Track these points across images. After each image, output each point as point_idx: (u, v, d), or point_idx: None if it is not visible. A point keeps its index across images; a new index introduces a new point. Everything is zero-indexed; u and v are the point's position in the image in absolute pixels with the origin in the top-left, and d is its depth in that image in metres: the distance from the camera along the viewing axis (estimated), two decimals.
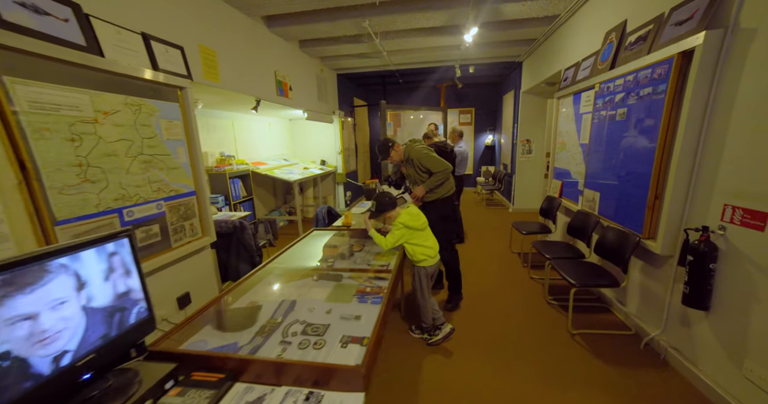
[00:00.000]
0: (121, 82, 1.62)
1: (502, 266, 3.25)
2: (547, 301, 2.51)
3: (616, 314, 2.29)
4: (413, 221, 1.78)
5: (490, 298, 2.60)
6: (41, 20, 1.38)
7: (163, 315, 1.95)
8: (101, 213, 1.55)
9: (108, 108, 1.57)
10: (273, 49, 3.23)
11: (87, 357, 0.72)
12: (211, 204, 3.60)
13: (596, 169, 2.43)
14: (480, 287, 2.78)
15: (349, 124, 6.17)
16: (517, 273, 3.06)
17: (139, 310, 0.87)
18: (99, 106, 1.53)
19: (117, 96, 1.61)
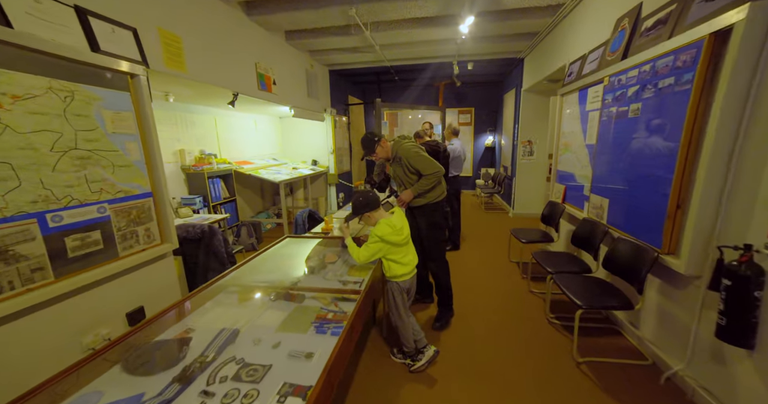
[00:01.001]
0: (41, 62, 1.36)
1: (499, 277, 2.98)
2: (548, 320, 2.24)
3: (628, 338, 2.01)
4: (393, 235, 1.53)
5: (483, 314, 2.33)
6: None
7: (106, 335, 1.69)
8: (9, 219, 1.28)
9: (20, 91, 1.30)
10: (254, 40, 2.98)
11: None
12: (186, 206, 3.35)
13: (604, 172, 2.17)
14: (474, 301, 2.52)
15: (343, 123, 5.92)
16: (516, 286, 2.79)
17: None
18: (5, 87, 1.26)
19: (36, 78, 1.34)
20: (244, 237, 4.17)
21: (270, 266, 1.71)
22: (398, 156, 2.02)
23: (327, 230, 2.39)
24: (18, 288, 1.31)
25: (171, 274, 2.08)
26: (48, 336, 1.42)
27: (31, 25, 1.38)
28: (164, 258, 2.00)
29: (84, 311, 1.56)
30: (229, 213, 4.10)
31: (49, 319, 1.42)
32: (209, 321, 1.13)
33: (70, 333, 1.51)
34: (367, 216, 1.58)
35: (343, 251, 1.90)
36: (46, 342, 1.41)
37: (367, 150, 2.04)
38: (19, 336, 1.32)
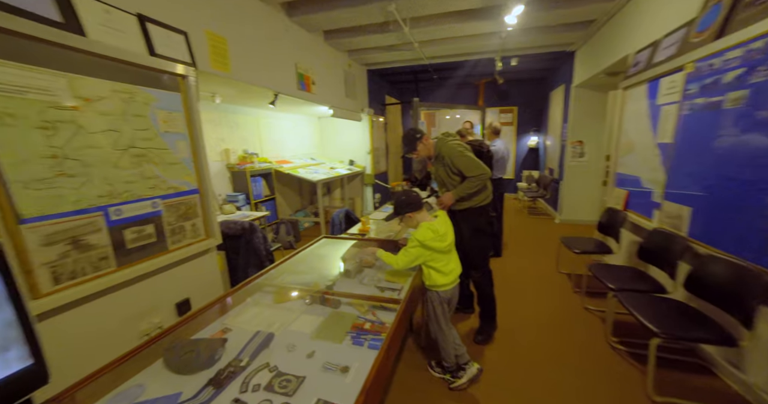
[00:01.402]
0: (108, 67, 1.46)
1: (547, 289, 2.72)
2: (610, 344, 1.95)
3: (723, 379, 1.63)
4: (436, 241, 1.41)
5: (531, 330, 2.12)
6: None
7: (158, 323, 1.78)
8: (80, 212, 1.39)
9: (92, 94, 1.41)
10: (294, 40, 3.03)
11: None
12: (231, 203, 3.50)
13: (685, 175, 1.87)
14: (519, 314, 2.31)
15: (380, 123, 5.89)
16: (568, 301, 2.52)
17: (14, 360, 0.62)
18: (80, 91, 1.37)
19: (103, 81, 1.44)
20: (282, 235, 4.29)
21: (306, 266, 1.69)
22: (441, 154, 1.90)
23: (364, 231, 2.34)
24: (89, 274, 1.42)
25: (214, 269, 2.16)
26: (111, 319, 1.52)
27: (102, 34, 1.48)
28: (208, 252, 2.08)
29: (139, 299, 1.66)
30: (269, 211, 4.24)
31: (111, 304, 1.52)
32: (245, 322, 1.12)
33: (129, 318, 1.61)
34: (409, 218, 1.48)
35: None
36: (110, 325, 1.52)
37: (408, 147, 1.94)
38: (89, 317, 1.43)
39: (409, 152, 1.93)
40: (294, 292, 1.35)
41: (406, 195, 1.49)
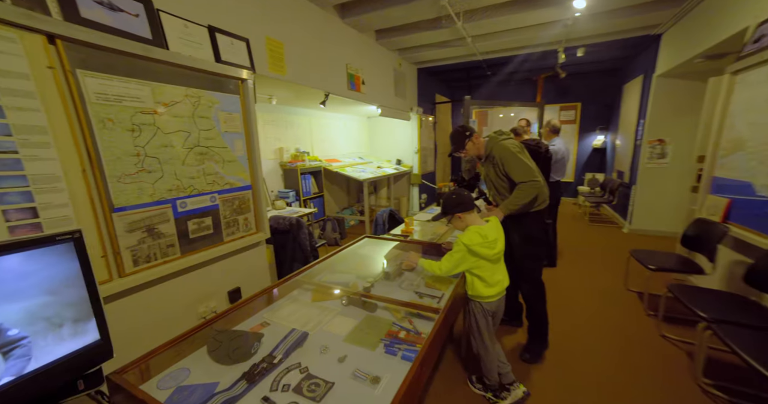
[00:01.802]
0: (182, 74, 1.62)
1: (612, 309, 2.40)
2: (701, 386, 1.59)
3: None
4: (484, 247, 1.30)
5: (591, 356, 1.86)
6: (114, 16, 1.42)
7: (213, 308, 1.95)
8: (155, 203, 1.56)
9: (168, 99, 1.57)
10: (346, 42, 3.09)
11: None
12: (282, 199, 3.71)
13: None
14: (576, 336, 2.06)
15: (429, 122, 5.78)
16: (639, 325, 2.17)
17: (86, 335, 0.69)
18: (159, 97, 1.54)
19: (178, 88, 1.61)
20: (328, 232, 4.45)
21: (346, 266, 1.70)
22: (492, 154, 1.76)
23: (407, 232, 2.30)
24: (159, 259, 1.60)
25: (263, 261, 2.29)
26: (175, 301, 1.70)
27: (180, 46, 1.65)
28: (258, 246, 2.22)
29: (198, 285, 1.82)
30: (316, 208, 4.42)
31: (176, 288, 1.70)
32: (282, 318, 1.15)
33: (189, 301, 1.79)
34: (457, 218, 1.39)
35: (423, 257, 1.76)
36: (174, 306, 1.70)
37: (457, 145, 1.82)
38: (158, 297, 1.62)
39: (457, 151, 1.82)
40: (332, 292, 1.36)
41: (457, 194, 1.40)
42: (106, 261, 1.42)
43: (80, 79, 1.30)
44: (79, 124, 1.30)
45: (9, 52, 1.13)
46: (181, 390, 0.79)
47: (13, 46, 1.14)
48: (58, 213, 1.28)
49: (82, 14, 1.34)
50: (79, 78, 1.29)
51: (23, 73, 1.16)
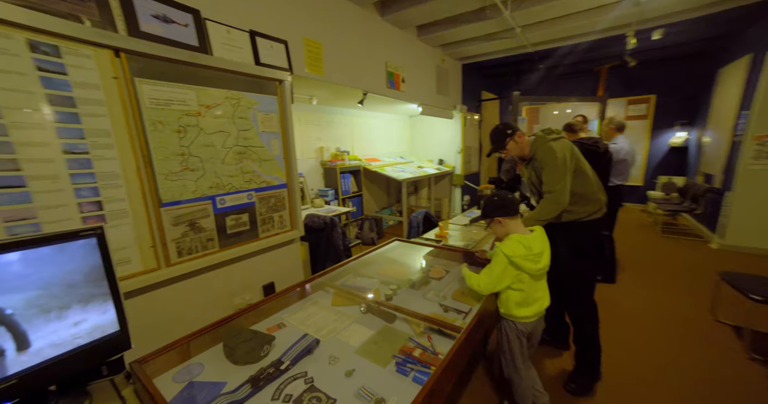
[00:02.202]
0: (224, 78, 1.70)
1: (691, 343, 1.98)
2: None
3: None
4: (527, 260, 1.15)
5: (659, 399, 1.54)
6: (167, 28, 1.54)
7: (248, 300, 2.04)
8: (197, 200, 1.67)
9: (210, 102, 1.67)
10: (385, 39, 3.05)
11: (7, 382, 0.59)
12: (321, 197, 3.80)
13: None
14: (638, 370, 1.74)
15: (474, 121, 5.51)
16: (734, 369, 1.74)
17: (105, 328, 0.73)
18: (203, 100, 1.64)
19: (219, 90, 1.70)
20: (366, 231, 4.47)
21: (371, 270, 1.65)
22: (535, 156, 1.57)
23: (440, 237, 2.18)
24: (200, 252, 1.71)
25: (297, 258, 2.35)
26: (213, 291, 1.81)
27: (222, 51, 1.75)
28: (292, 243, 2.27)
29: (234, 278, 1.92)
30: (354, 207, 4.47)
31: (214, 279, 1.80)
32: (299, 320, 1.13)
33: (226, 293, 1.89)
34: (498, 223, 1.25)
35: (453, 264, 1.64)
36: (212, 296, 1.80)
37: (497, 144, 1.65)
38: (198, 287, 1.73)
39: (497, 150, 1.65)
40: (353, 296, 1.31)
41: (499, 196, 1.27)
42: (155, 252, 1.55)
43: (138, 86, 1.42)
44: (135, 127, 1.43)
45: (85, 66, 1.28)
46: (191, 386, 0.81)
47: (88, 61, 1.29)
48: (117, 206, 1.42)
49: (141, 28, 1.46)
50: (136, 85, 1.42)
51: (95, 84, 1.31)
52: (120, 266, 1.44)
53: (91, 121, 1.31)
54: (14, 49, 1.13)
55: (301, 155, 3.72)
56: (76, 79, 1.26)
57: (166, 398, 0.76)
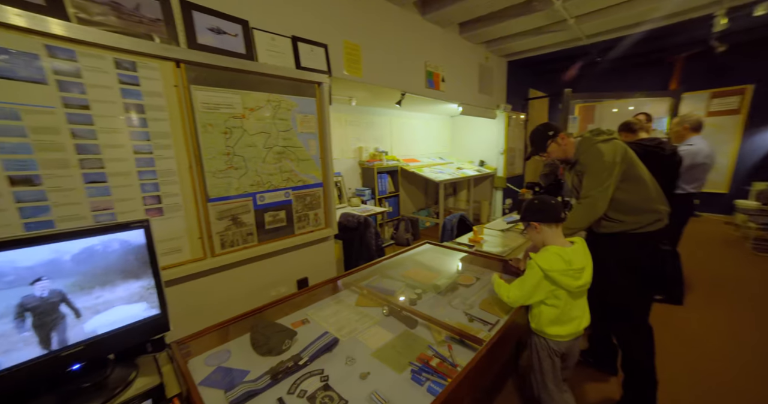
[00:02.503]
0: (266, 82, 1.81)
1: None
2: None
3: None
4: (565, 276, 1.05)
5: None
6: (220, 39, 1.68)
7: (283, 292, 2.15)
8: (239, 196, 1.79)
9: (253, 105, 1.78)
10: (426, 38, 3.00)
11: (74, 348, 0.68)
12: (358, 196, 3.87)
13: None
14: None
15: (519, 121, 5.22)
16: None
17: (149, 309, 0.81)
18: (247, 103, 1.75)
19: (262, 94, 1.80)
20: (401, 232, 4.46)
21: (398, 272, 1.63)
22: (579, 160, 1.42)
23: (474, 242, 2.09)
24: (240, 245, 1.84)
25: (330, 255, 2.41)
26: (251, 283, 1.93)
27: (266, 57, 1.86)
28: (326, 240, 2.34)
29: (271, 271, 2.03)
30: (390, 207, 4.48)
31: (253, 271, 1.92)
32: (322, 318, 1.16)
33: (263, 285, 2.00)
34: (534, 229, 1.16)
35: (485, 272, 1.57)
36: (250, 286, 1.92)
37: (536, 147, 1.52)
38: (238, 278, 1.85)
39: (537, 153, 1.52)
40: (375, 299, 1.31)
41: (541, 200, 1.18)
42: (202, 242, 1.69)
43: (193, 92, 1.57)
44: (189, 129, 1.58)
45: (152, 77, 1.45)
46: (219, 371, 0.87)
47: (155, 73, 1.45)
48: (172, 201, 1.57)
49: (198, 41, 1.61)
50: (192, 92, 1.56)
51: (159, 92, 1.47)
52: (172, 254, 1.60)
53: (155, 124, 1.48)
54: (105, 67, 1.32)
55: (339, 155, 3.83)
56: (145, 89, 1.43)
57: (199, 378, 0.83)
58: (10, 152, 1.16)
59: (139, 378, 0.76)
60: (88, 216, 1.35)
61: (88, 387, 0.71)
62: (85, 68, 1.28)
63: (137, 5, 1.44)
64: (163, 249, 1.56)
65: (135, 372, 0.77)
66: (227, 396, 0.77)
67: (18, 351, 0.61)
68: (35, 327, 0.63)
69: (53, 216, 1.29)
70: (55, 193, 1.27)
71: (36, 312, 0.62)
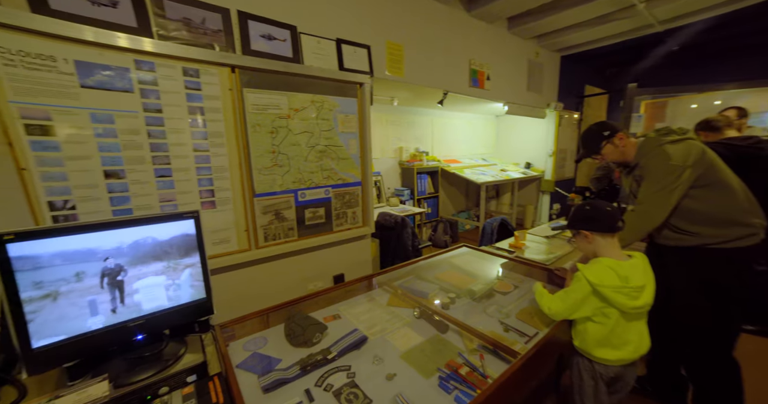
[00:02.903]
0: (311, 83, 1.88)
1: None
2: None
3: None
4: (622, 295, 0.92)
5: None
6: (270, 44, 1.79)
7: (320, 286, 2.22)
8: (282, 192, 1.89)
9: (298, 105, 1.86)
10: (471, 35, 2.90)
11: (137, 321, 0.77)
12: (396, 196, 3.88)
13: None
14: None
15: (572, 120, 4.82)
16: None
17: (196, 293, 0.88)
18: (293, 104, 1.84)
19: (306, 95, 1.88)
20: (439, 234, 4.37)
21: (433, 274, 1.59)
22: (640, 163, 1.25)
23: (515, 247, 1.98)
24: (282, 239, 1.94)
25: (367, 253, 2.44)
26: (290, 276, 2.03)
27: (312, 59, 1.93)
28: (363, 238, 2.37)
29: (309, 265, 2.11)
30: (429, 208, 4.41)
31: (292, 265, 2.01)
32: (354, 315, 1.17)
33: (302, 278, 2.09)
34: (585, 238, 1.04)
35: (525, 280, 1.47)
36: (289, 279, 2.02)
37: (589, 148, 1.38)
38: (278, 270, 1.96)
39: (589, 155, 1.37)
40: (407, 300, 1.29)
41: (593, 206, 1.06)
42: (248, 235, 1.81)
43: (245, 95, 1.69)
44: (240, 129, 1.70)
45: (211, 82, 1.59)
46: (255, 356, 0.92)
47: (214, 78, 1.59)
48: (224, 195, 1.71)
49: (252, 47, 1.73)
50: (244, 94, 1.69)
51: (216, 95, 1.61)
52: (222, 244, 1.73)
53: (212, 125, 1.62)
54: (175, 75, 1.48)
55: (379, 154, 3.86)
56: (206, 93, 1.58)
57: (237, 361, 0.89)
58: (106, 150, 1.36)
59: (187, 354, 0.84)
60: (156, 206, 1.52)
61: (148, 357, 0.79)
62: (160, 77, 1.45)
63: (203, 19, 1.59)
64: (215, 239, 1.70)
65: (184, 348, 0.85)
66: (260, 381, 0.81)
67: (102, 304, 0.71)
68: (109, 285, 0.72)
69: (132, 205, 1.48)
70: (135, 186, 1.46)
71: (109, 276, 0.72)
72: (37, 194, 1.26)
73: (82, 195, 1.35)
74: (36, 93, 1.22)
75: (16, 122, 1.20)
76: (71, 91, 1.28)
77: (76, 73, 1.28)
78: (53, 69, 1.24)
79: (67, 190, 1.32)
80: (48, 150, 1.26)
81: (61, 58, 1.25)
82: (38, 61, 1.22)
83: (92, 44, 1.29)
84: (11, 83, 1.17)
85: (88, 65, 1.29)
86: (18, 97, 1.19)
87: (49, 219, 1.30)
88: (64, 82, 1.26)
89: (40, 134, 1.25)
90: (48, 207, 1.29)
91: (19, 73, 1.18)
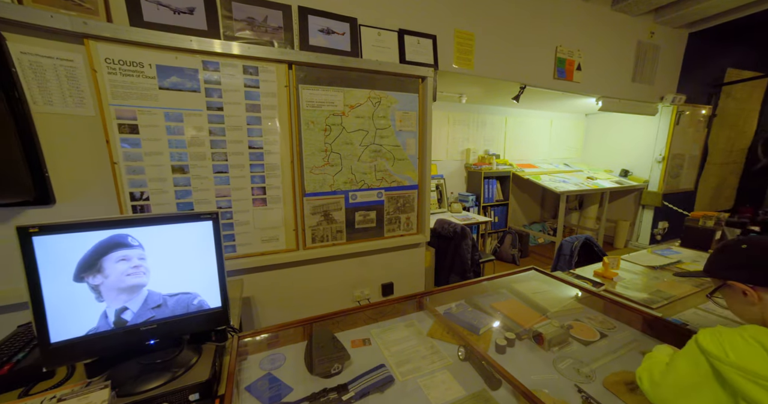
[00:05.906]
0: (368, 78, 1.77)
1: None
2: None
3: None
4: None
5: None
6: (329, 39, 1.73)
7: (366, 295, 2.11)
8: (333, 193, 1.82)
9: (354, 102, 1.77)
10: (559, 17, 2.44)
11: (148, 326, 0.73)
12: (460, 202, 3.56)
13: None
14: None
15: (698, 116, 3.79)
16: None
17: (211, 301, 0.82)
18: (348, 100, 1.75)
19: (363, 90, 1.78)
20: (506, 246, 3.90)
21: (489, 302, 1.29)
22: None
23: (604, 277, 1.55)
24: (329, 241, 1.88)
25: (420, 263, 2.24)
26: (336, 279, 1.96)
27: (371, 53, 1.82)
28: (417, 247, 2.18)
29: (356, 271, 2.01)
30: (497, 217, 3.97)
31: (339, 269, 1.94)
32: (385, 342, 0.99)
33: (348, 284, 2.01)
34: (740, 296, 0.70)
35: (615, 330, 1.09)
36: (335, 283, 1.96)
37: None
38: (324, 273, 1.91)
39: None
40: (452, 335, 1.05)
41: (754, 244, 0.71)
42: (296, 235, 1.79)
43: (300, 92, 1.66)
44: (294, 126, 1.67)
45: (269, 79, 1.59)
46: (267, 378, 0.82)
47: (272, 75, 1.60)
48: (275, 193, 1.71)
49: (309, 42, 1.69)
50: (299, 91, 1.66)
51: (273, 92, 1.61)
52: (271, 242, 1.74)
53: (267, 122, 1.62)
54: (236, 73, 1.52)
55: (443, 156, 3.60)
56: (263, 90, 1.59)
57: (248, 380, 0.80)
58: (175, 147, 1.46)
59: (199, 366, 0.77)
60: (212, 201, 1.59)
61: (159, 364, 0.74)
62: (223, 75, 1.49)
63: (266, 17, 1.60)
64: (264, 236, 1.71)
65: (196, 358, 0.79)
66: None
67: (115, 306, 0.72)
68: (124, 286, 0.69)
69: (193, 199, 1.57)
70: (195, 180, 1.54)
71: (125, 276, 0.69)
72: (123, 185, 1.40)
73: (155, 187, 1.47)
74: (127, 96, 1.35)
75: (113, 122, 1.35)
76: (152, 92, 1.39)
77: (156, 76, 1.39)
78: (141, 74, 1.37)
79: (144, 182, 1.44)
80: (132, 146, 1.39)
81: (147, 64, 1.37)
82: (131, 68, 1.35)
83: (170, 49, 1.38)
84: (112, 88, 1.32)
85: (165, 69, 1.39)
86: (116, 100, 1.34)
87: (130, 209, 1.44)
88: (147, 84, 1.38)
89: (128, 132, 1.38)
90: (129, 198, 1.43)
91: (117, 79, 1.33)
